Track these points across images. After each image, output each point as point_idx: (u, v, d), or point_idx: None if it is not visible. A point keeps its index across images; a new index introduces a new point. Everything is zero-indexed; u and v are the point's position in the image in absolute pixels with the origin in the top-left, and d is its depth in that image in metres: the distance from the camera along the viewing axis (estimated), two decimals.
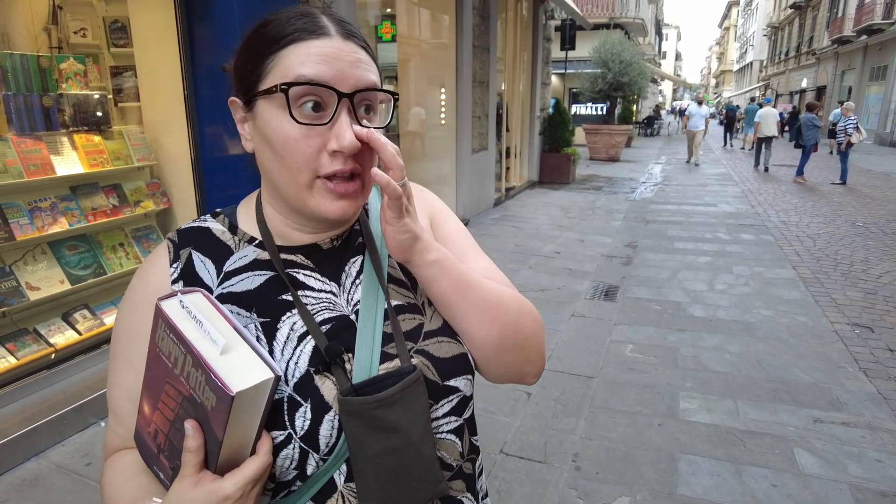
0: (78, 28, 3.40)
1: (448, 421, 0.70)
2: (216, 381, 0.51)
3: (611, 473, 2.48)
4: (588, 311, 4.40)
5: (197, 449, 0.55)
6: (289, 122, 0.60)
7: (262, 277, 0.68)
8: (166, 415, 0.58)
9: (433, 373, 0.67)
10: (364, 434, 0.61)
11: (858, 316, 4.28)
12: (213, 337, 0.54)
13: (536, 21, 10.52)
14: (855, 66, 24.42)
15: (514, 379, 0.76)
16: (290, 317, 0.66)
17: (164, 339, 0.57)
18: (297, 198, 0.64)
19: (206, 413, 0.54)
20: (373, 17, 6.31)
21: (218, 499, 0.55)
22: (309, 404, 0.62)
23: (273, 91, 0.60)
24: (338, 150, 0.61)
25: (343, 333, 0.67)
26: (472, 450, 0.75)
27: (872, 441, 2.70)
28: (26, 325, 2.88)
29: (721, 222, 7.70)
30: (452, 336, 0.71)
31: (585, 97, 16.88)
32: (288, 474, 0.62)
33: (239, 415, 0.53)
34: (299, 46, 0.61)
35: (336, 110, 0.61)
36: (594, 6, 21.20)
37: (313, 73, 0.60)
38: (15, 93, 2.80)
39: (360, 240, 0.74)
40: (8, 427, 2.47)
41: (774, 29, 43.61)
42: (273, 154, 0.63)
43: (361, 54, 0.64)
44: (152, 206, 3.41)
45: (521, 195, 9.84)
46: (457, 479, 0.71)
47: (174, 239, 0.71)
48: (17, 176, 2.74)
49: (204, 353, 0.52)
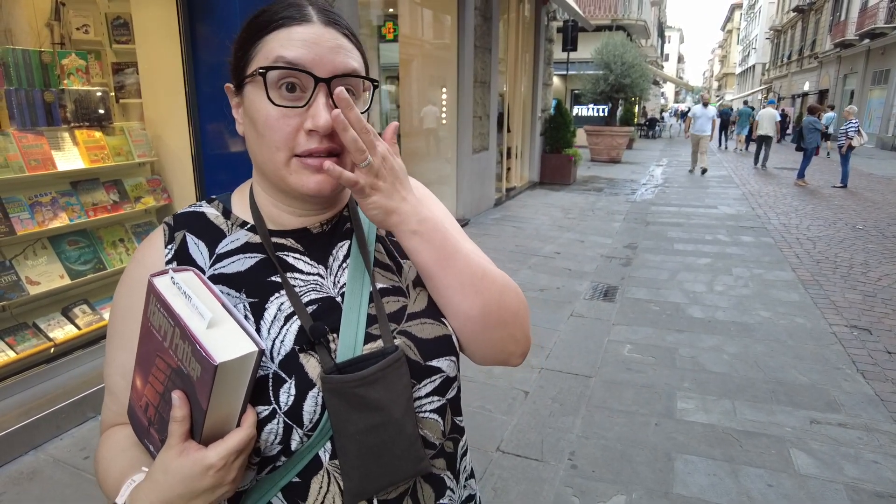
0: (80, 24, 3.41)
1: (431, 400, 0.71)
2: (201, 352, 0.52)
3: (607, 472, 2.48)
4: (587, 311, 4.40)
5: (182, 419, 0.56)
6: (269, 103, 0.64)
7: (253, 259, 0.71)
8: (156, 388, 0.60)
9: (415, 353, 0.69)
10: (346, 412, 0.62)
11: (857, 318, 4.28)
12: (200, 311, 0.56)
13: (538, 22, 10.53)
14: (857, 69, 24.40)
15: (500, 359, 0.77)
16: (279, 297, 0.68)
17: (155, 314, 0.59)
18: (277, 175, 0.67)
19: (192, 384, 0.55)
20: (375, 16, 6.32)
21: (202, 468, 0.56)
22: (293, 381, 0.63)
23: (255, 74, 0.64)
24: (313, 130, 0.63)
25: (329, 314, 0.69)
26: (455, 429, 0.76)
27: (869, 442, 2.70)
28: (26, 320, 2.89)
29: (721, 224, 7.71)
30: (436, 318, 0.73)
31: (587, 98, 16.85)
32: (272, 449, 0.64)
33: (222, 386, 0.54)
34: (282, 32, 0.65)
35: (313, 94, 0.64)
36: (596, 7, 21.21)
37: (292, 56, 0.63)
38: (17, 88, 2.82)
39: (348, 225, 0.76)
40: (7, 420, 2.48)
41: (777, 32, 43.62)
42: (256, 134, 0.67)
43: (343, 41, 0.67)
44: (152, 203, 3.42)
45: (521, 196, 9.85)
46: (439, 458, 0.73)
47: (170, 222, 0.74)
48: (18, 171, 2.75)
49: (191, 326, 0.54)
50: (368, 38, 6.12)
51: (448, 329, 0.73)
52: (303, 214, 0.74)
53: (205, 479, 0.57)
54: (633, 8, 23.63)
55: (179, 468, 0.56)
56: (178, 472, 0.56)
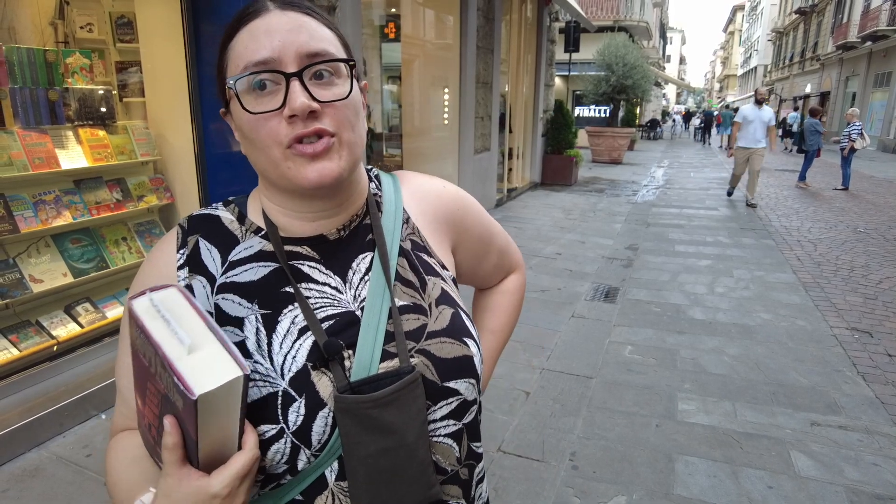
0: (84, 23, 3.42)
1: (446, 424, 0.69)
2: (179, 385, 0.50)
3: (608, 473, 2.49)
4: (588, 312, 4.41)
5: (174, 446, 0.54)
6: (245, 111, 0.63)
7: (267, 269, 0.68)
8: (153, 410, 0.58)
9: (433, 373, 0.67)
10: (358, 433, 0.61)
11: (858, 321, 4.29)
12: (179, 336, 0.53)
13: (540, 23, 10.53)
14: (859, 72, 24.38)
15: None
16: (293, 310, 0.66)
17: (138, 339, 0.56)
18: (279, 175, 0.64)
19: (179, 413, 0.53)
20: (378, 17, 6.32)
21: (206, 497, 0.54)
22: (303, 400, 0.61)
23: (228, 92, 0.64)
24: (293, 115, 0.61)
25: (347, 330, 0.66)
26: (472, 455, 0.74)
27: (869, 445, 2.70)
28: (29, 318, 2.90)
29: (722, 226, 7.71)
30: (458, 338, 0.70)
31: (589, 99, 16.85)
32: (278, 468, 0.62)
33: (208, 416, 0.51)
34: (243, 32, 0.64)
35: (286, 90, 0.61)
36: (598, 9, 21.22)
37: (256, 57, 0.62)
38: (21, 86, 2.82)
39: (370, 236, 0.73)
40: (9, 418, 2.49)
41: (779, 34, 43.59)
42: (248, 141, 0.66)
43: (305, 20, 0.64)
44: (155, 201, 3.43)
45: (522, 196, 9.85)
46: (452, 485, 0.70)
47: (184, 225, 0.72)
48: (22, 169, 2.76)
49: (170, 354, 0.51)
50: (370, 38, 6.12)
51: (470, 350, 0.71)
52: (315, 218, 0.70)
53: None
54: (635, 9, 23.63)
55: (183, 498, 0.54)
56: (181, 502, 0.54)
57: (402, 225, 0.75)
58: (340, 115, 0.64)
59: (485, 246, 0.89)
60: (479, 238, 0.87)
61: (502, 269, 0.96)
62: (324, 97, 0.63)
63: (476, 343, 0.73)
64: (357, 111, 0.67)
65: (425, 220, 0.79)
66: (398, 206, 0.76)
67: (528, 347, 3.71)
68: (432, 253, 0.77)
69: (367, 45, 5.89)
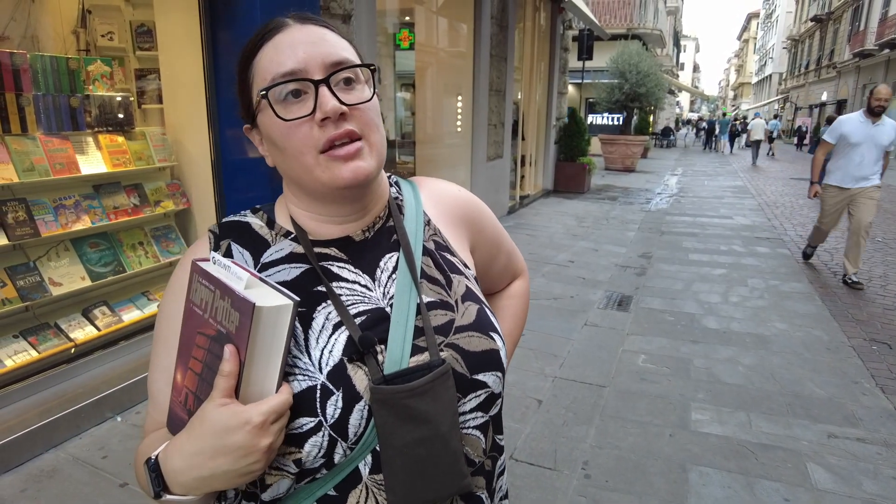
0: (105, 31, 3.49)
1: (475, 416, 0.71)
2: (240, 298, 0.55)
3: (621, 482, 2.47)
4: (601, 320, 4.38)
5: (229, 373, 0.56)
6: (279, 119, 0.66)
7: (298, 269, 0.71)
8: (195, 369, 0.61)
9: (462, 366, 0.69)
10: (394, 423, 0.62)
11: (877, 332, 4.22)
12: (238, 275, 0.59)
13: (554, 31, 10.55)
14: (877, 80, 24.05)
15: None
16: (326, 307, 0.68)
17: (197, 290, 0.62)
18: (313, 179, 0.67)
19: (233, 338, 0.57)
20: (392, 25, 6.37)
21: (239, 421, 0.56)
22: (340, 393, 0.63)
23: (259, 101, 0.67)
24: (325, 118, 0.64)
25: (378, 325, 0.68)
26: (495, 448, 0.77)
27: (888, 458, 2.66)
28: (48, 320, 2.94)
29: (737, 234, 7.64)
30: (484, 332, 0.73)
31: (602, 107, 16.82)
32: (315, 462, 0.63)
33: (260, 334, 0.56)
34: (267, 47, 0.68)
35: (316, 96, 0.65)
36: (612, 17, 21.22)
37: (285, 68, 0.65)
38: (44, 93, 2.88)
39: (394, 237, 0.76)
40: (28, 419, 2.52)
41: (794, 42, 43.24)
42: (279, 151, 0.68)
43: (325, 33, 0.69)
44: (172, 207, 3.48)
45: (535, 203, 9.84)
46: (478, 476, 0.72)
47: (215, 231, 0.75)
48: (43, 174, 2.81)
49: (231, 284, 0.57)
50: (384, 46, 6.17)
51: (496, 344, 0.73)
52: (342, 221, 0.74)
53: (239, 433, 0.55)
54: (648, 17, 23.59)
55: (218, 417, 0.56)
56: (215, 422, 0.56)
57: (424, 227, 0.78)
58: (366, 117, 0.68)
59: (496, 248, 0.93)
60: (492, 240, 0.92)
61: (509, 271, 1.00)
62: (350, 101, 0.66)
63: (501, 338, 0.76)
64: (379, 114, 0.71)
65: (445, 222, 0.83)
66: (419, 210, 0.80)
67: (541, 355, 3.70)
68: (455, 252, 0.81)
69: (381, 53, 5.93)
